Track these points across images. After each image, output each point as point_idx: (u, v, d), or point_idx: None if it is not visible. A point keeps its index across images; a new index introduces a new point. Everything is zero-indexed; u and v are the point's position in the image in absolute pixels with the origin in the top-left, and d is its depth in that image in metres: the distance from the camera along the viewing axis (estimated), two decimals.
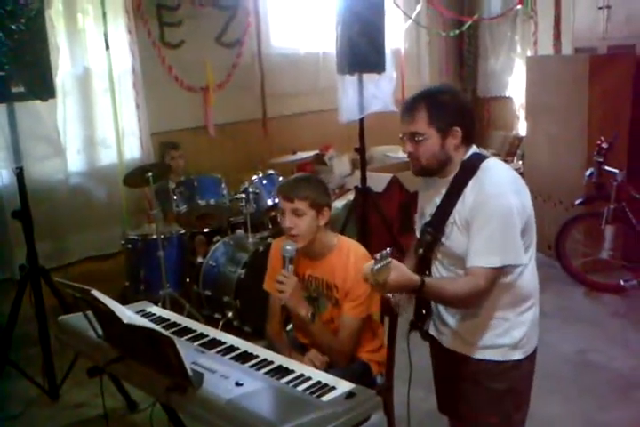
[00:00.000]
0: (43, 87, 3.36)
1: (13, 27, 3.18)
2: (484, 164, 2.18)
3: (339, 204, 5.67)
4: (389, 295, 2.11)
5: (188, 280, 4.61)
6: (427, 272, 2.29)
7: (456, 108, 2.18)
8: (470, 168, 2.18)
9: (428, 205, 2.32)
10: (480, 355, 2.26)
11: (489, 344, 2.24)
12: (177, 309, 4.12)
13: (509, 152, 7.10)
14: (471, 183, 2.16)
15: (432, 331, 2.40)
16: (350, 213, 5.26)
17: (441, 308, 2.33)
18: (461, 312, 2.26)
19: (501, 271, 2.12)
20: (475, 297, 2.12)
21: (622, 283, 4.73)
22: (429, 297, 2.20)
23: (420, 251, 2.29)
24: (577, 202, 4.93)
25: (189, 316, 4.00)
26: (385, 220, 5.12)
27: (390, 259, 1.91)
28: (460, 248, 2.15)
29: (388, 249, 1.91)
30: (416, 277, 2.00)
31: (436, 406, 2.60)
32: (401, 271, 1.96)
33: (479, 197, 2.11)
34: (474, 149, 2.24)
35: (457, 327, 2.29)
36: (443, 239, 2.21)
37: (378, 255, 1.89)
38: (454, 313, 2.29)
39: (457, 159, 2.20)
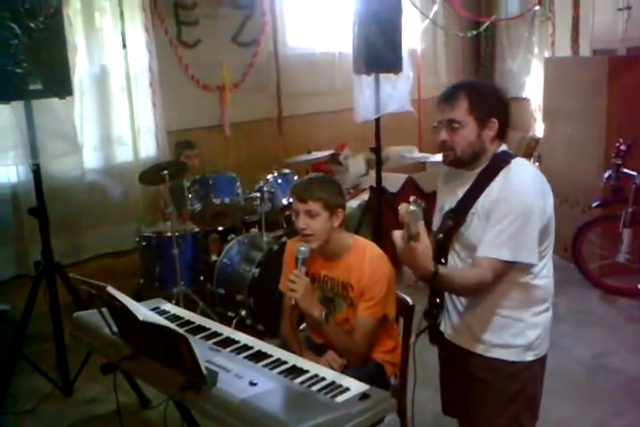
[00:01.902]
0: (60, 85, 3.36)
1: (32, 25, 3.19)
2: (515, 161, 2.19)
3: (353, 203, 5.66)
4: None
5: (201, 278, 4.61)
6: (442, 260, 2.28)
7: (495, 100, 2.20)
8: (500, 162, 2.18)
9: (448, 199, 2.31)
10: (493, 354, 2.25)
11: (503, 344, 2.23)
12: (190, 306, 4.12)
13: (526, 153, 7.04)
14: (499, 178, 2.16)
15: (444, 328, 2.39)
16: (365, 213, 5.25)
17: (456, 302, 2.32)
18: (476, 309, 2.25)
19: (510, 266, 2.11)
20: (480, 289, 2.12)
21: (639, 287, 4.69)
22: (437, 285, 2.15)
23: (440, 236, 2.28)
24: (594, 204, 4.89)
25: (203, 314, 4.00)
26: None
27: (421, 210, 1.82)
28: (478, 239, 2.14)
29: (419, 200, 1.82)
30: (432, 264, 1.92)
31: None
32: (427, 249, 1.87)
33: (503, 191, 2.11)
34: (504, 146, 2.24)
35: (471, 324, 2.28)
36: (462, 229, 2.21)
37: (412, 198, 1.82)
38: (470, 312, 2.27)
39: (490, 152, 2.20)
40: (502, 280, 2.14)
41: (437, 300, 2.33)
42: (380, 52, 4.58)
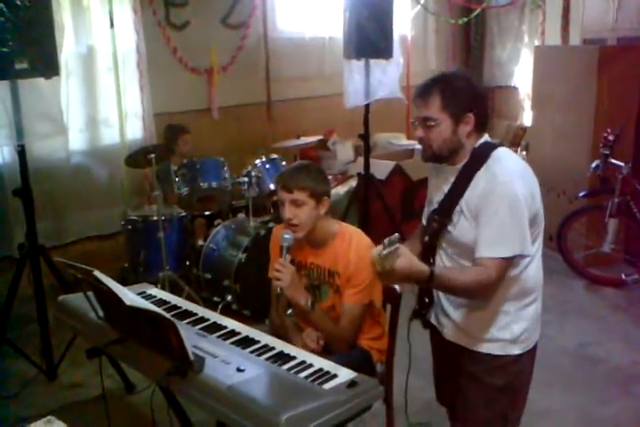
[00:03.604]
0: (47, 65, 3.31)
1: (18, 3, 3.14)
2: (495, 153, 2.16)
3: (340, 190, 5.65)
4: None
5: (187, 263, 4.59)
6: (431, 260, 2.26)
7: (470, 95, 2.15)
8: (481, 156, 2.15)
9: (436, 193, 2.29)
10: (479, 348, 2.24)
11: (488, 337, 2.22)
12: (176, 291, 4.09)
13: (513, 142, 7.06)
14: (481, 172, 2.13)
15: (433, 320, 2.38)
16: (352, 199, 5.23)
17: (443, 299, 2.31)
18: (464, 304, 2.24)
19: (511, 261, 2.09)
20: (485, 289, 2.09)
21: (624, 277, 4.72)
22: (437, 288, 2.17)
23: (426, 238, 2.27)
24: (581, 194, 4.91)
25: (189, 298, 3.97)
26: (387, 207, 5.09)
27: (398, 245, 1.86)
28: (467, 237, 2.13)
29: (395, 234, 1.86)
30: (425, 268, 1.95)
31: (435, 396, 2.60)
32: (410, 260, 1.91)
33: (488, 185, 2.09)
34: (485, 137, 2.21)
35: (458, 319, 2.27)
36: (449, 228, 2.19)
37: (386, 240, 1.84)
38: (457, 305, 2.26)
39: (468, 147, 2.17)
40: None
41: (426, 299, 2.32)
42: (370, 37, 4.54)
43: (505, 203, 2.05)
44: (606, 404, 3.37)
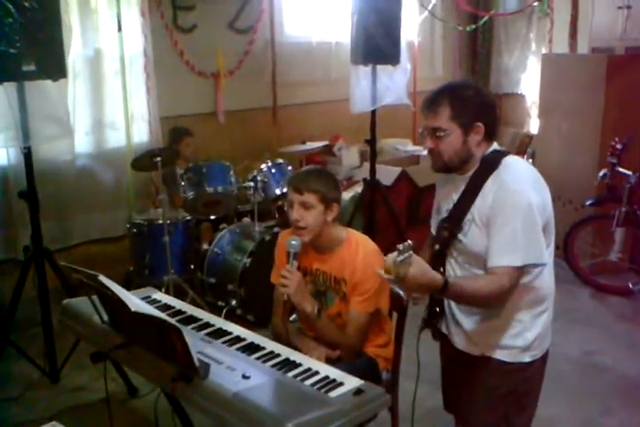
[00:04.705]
0: (54, 67, 3.30)
1: (26, 4, 3.13)
2: (505, 160, 2.15)
3: (346, 196, 5.61)
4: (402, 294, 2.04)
5: (192, 267, 4.58)
6: (441, 269, 2.25)
7: (479, 104, 2.13)
8: (491, 164, 2.14)
9: (444, 202, 2.28)
10: (490, 355, 2.23)
11: (501, 345, 2.21)
12: (180, 295, 4.08)
13: (520, 150, 7.03)
14: (491, 180, 2.12)
15: (444, 330, 2.37)
16: (358, 205, 5.22)
17: (454, 308, 2.29)
18: (476, 313, 2.22)
19: (524, 270, 2.08)
20: (498, 298, 2.07)
21: (630, 286, 4.71)
22: (450, 297, 2.15)
23: (437, 246, 2.25)
24: (588, 203, 4.89)
25: (193, 303, 3.96)
26: (393, 213, 5.08)
27: (412, 252, 1.85)
28: (478, 246, 2.11)
29: (409, 241, 1.84)
30: (438, 277, 1.93)
31: (441, 403, 2.58)
32: (422, 268, 1.89)
33: (499, 193, 2.07)
34: (495, 145, 2.20)
35: (470, 328, 2.25)
36: (460, 236, 2.17)
37: (400, 246, 1.82)
38: (469, 314, 2.25)
39: (478, 155, 2.16)
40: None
41: (437, 309, 2.30)
42: (378, 42, 4.53)
43: (517, 212, 2.03)
44: (610, 413, 3.35)
